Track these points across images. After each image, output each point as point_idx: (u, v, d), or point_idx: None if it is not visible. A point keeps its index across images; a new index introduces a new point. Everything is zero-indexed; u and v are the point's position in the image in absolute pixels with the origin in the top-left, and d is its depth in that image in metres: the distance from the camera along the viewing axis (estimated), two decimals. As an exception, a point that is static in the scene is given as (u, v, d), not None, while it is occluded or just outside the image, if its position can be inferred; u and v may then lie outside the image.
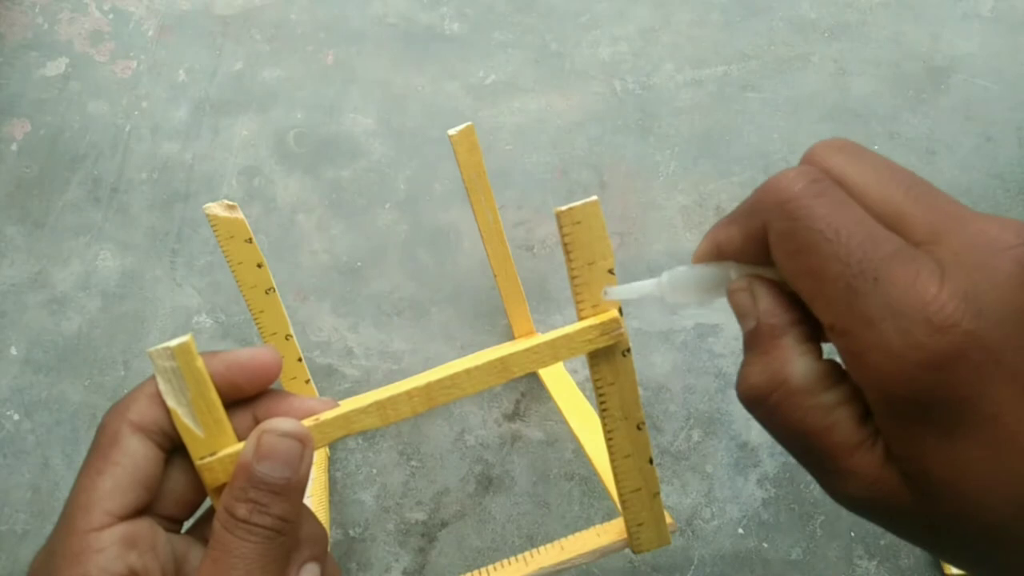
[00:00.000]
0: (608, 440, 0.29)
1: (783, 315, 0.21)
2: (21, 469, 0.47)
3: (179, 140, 0.55)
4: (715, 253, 0.22)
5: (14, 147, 0.55)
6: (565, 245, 0.26)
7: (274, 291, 0.36)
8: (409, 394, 0.25)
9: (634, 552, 0.33)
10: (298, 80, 0.57)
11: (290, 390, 0.36)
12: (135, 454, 0.23)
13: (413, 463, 0.47)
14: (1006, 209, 0.52)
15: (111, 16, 0.59)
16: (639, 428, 0.29)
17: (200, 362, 0.23)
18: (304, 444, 0.24)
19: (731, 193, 0.52)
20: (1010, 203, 0.52)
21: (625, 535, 0.33)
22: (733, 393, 0.47)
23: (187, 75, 0.57)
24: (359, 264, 0.51)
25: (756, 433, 0.47)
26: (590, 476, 0.46)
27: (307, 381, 0.40)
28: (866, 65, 0.55)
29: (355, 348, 0.49)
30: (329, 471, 0.46)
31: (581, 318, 0.27)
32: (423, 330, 0.49)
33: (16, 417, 0.49)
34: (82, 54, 0.58)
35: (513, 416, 0.48)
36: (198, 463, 0.24)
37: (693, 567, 0.44)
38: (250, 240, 0.35)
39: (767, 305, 0.21)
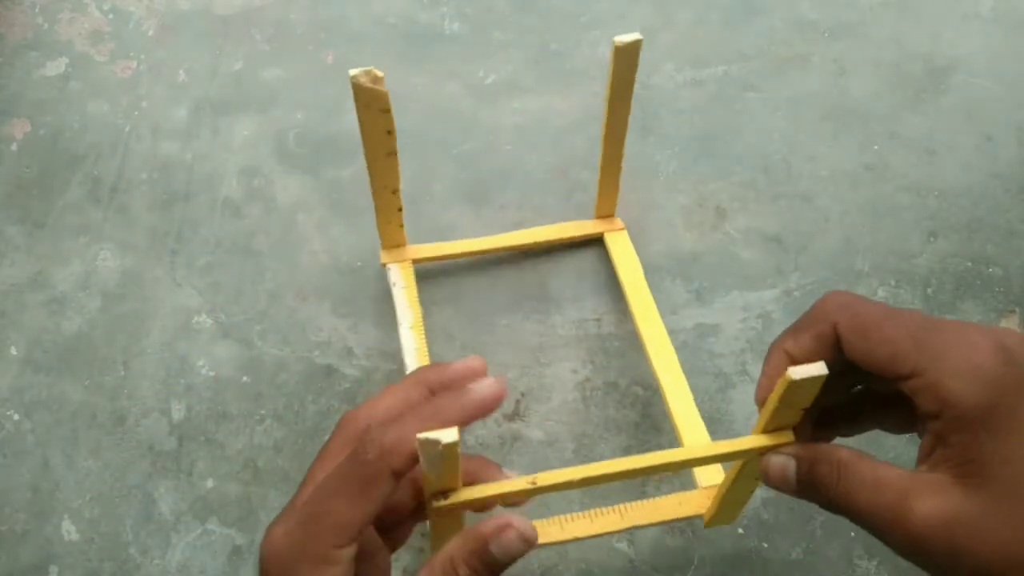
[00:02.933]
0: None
1: None
2: (21, 469, 0.47)
3: (179, 140, 0.55)
4: (788, 362, 0.29)
5: (14, 147, 0.55)
6: None
7: (394, 155, 0.41)
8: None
9: (705, 526, 0.39)
10: (298, 80, 0.57)
11: (393, 233, 0.48)
12: (385, 494, 0.27)
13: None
14: (1006, 209, 0.52)
15: (111, 16, 0.59)
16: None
17: (458, 450, 0.26)
18: (529, 548, 0.27)
19: (731, 193, 0.52)
20: (1010, 203, 0.52)
21: (703, 509, 0.39)
22: (733, 393, 0.47)
23: (187, 75, 0.57)
24: (359, 264, 0.51)
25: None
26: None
27: (400, 225, 0.47)
28: (866, 65, 0.55)
29: (355, 348, 0.49)
30: None
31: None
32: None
33: (16, 417, 0.49)
34: (82, 54, 0.58)
35: (513, 416, 0.48)
36: (433, 503, 0.28)
37: (693, 567, 0.44)
38: (386, 111, 0.38)
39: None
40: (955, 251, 0.50)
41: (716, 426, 0.47)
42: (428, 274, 0.51)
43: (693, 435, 0.41)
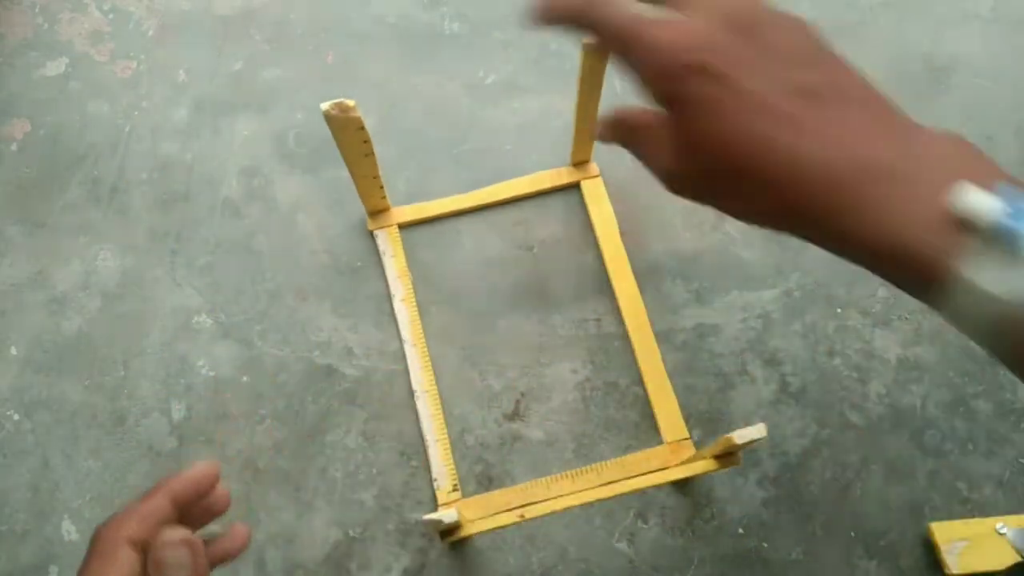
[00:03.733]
0: None
1: None
2: (21, 469, 0.47)
3: (179, 140, 0.55)
4: None
5: (14, 147, 0.55)
6: None
7: (371, 154, 0.44)
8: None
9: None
10: (298, 80, 0.57)
11: (376, 201, 0.51)
12: (130, 560, 0.30)
13: (413, 463, 0.47)
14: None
15: (111, 16, 0.59)
16: None
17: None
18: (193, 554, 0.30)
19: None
20: (1010, 203, 0.52)
21: (670, 463, 0.45)
22: (733, 393, 0.48)
23: (187, 75, 0.57)
24: (359, 264, 0.51)
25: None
26: (590, 476, 0.46)
27: (383, 193, 0.50)
28: (866, 65, 0.55)
29: (355, 348, 0.49)
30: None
31: None
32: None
33: (16, 417, 0.49)
34: (82, 54, 0.58)
35: (513, 416, 0.48)
36: None
37: (693, 567, 0.44)
38: (360, 128, 0.41)
39: None
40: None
41: (716, 426, 0.47)
42: (428, 274, 0.51)
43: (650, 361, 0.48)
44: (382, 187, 0.49)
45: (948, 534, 0.43)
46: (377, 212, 0.52)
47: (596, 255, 0.51)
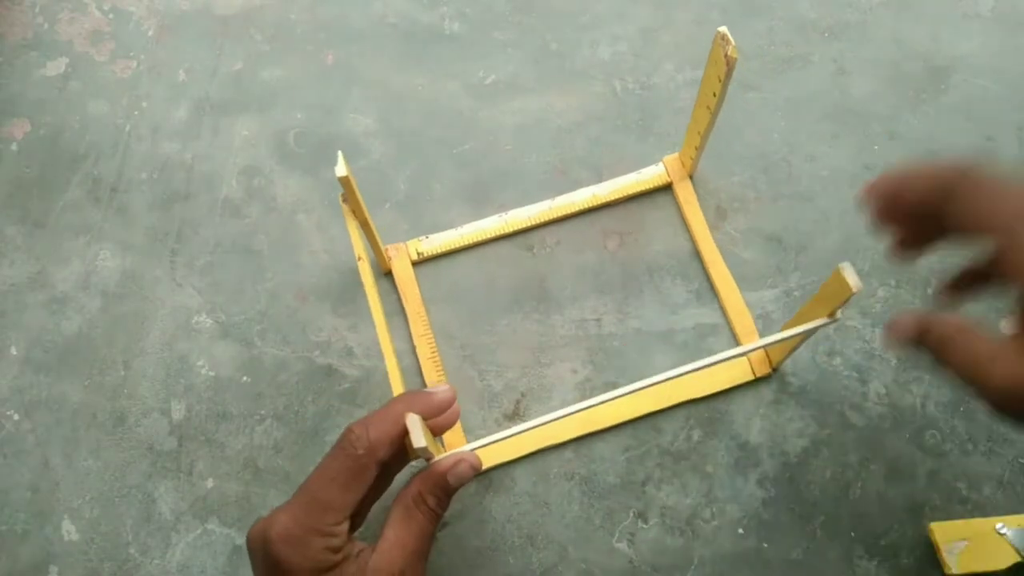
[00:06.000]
0: None
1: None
2: (21, 469, 0.47)
3: (179, 140, 0.55)
4: (894, 186, 0.32)
5: (14, 147, 0.55)
6: None
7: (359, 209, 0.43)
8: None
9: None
10: (298, 80, 0.57)
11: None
12: (371, 480, 0.34)
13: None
14: (1006, 209, 0.52)
15: (111, 16, 0.59)
16: None
17: (426, 432, 0.34)
18: (476, 473, 0.37)
19: (731, 193, 0.52)
20: (1010, 203, 0.52)
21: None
22: (733, 393, 0.47)
23: (187, 75, 0.57)
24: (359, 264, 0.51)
25: (756, 433, 0.47)
26: (590, 476, 0.46)
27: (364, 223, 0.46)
28: (866, 65, 0.55)
29: (355, 348, 0.49)
30: None
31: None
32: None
33: (16, 417, 0.49)
34: (82, 54, 0.58)
35: (513, 416, 0.48)
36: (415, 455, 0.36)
37: (693, 567, 0.44)
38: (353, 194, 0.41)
39: None
40: (955, 251, 0.50)
41: (716, 426, 0.47)
42: (428, 274, 0.51)
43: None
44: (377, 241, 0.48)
45: (948, 534, 0.43)
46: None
47: (597, 255, 0.51)
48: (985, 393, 0.29)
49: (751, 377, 0.47)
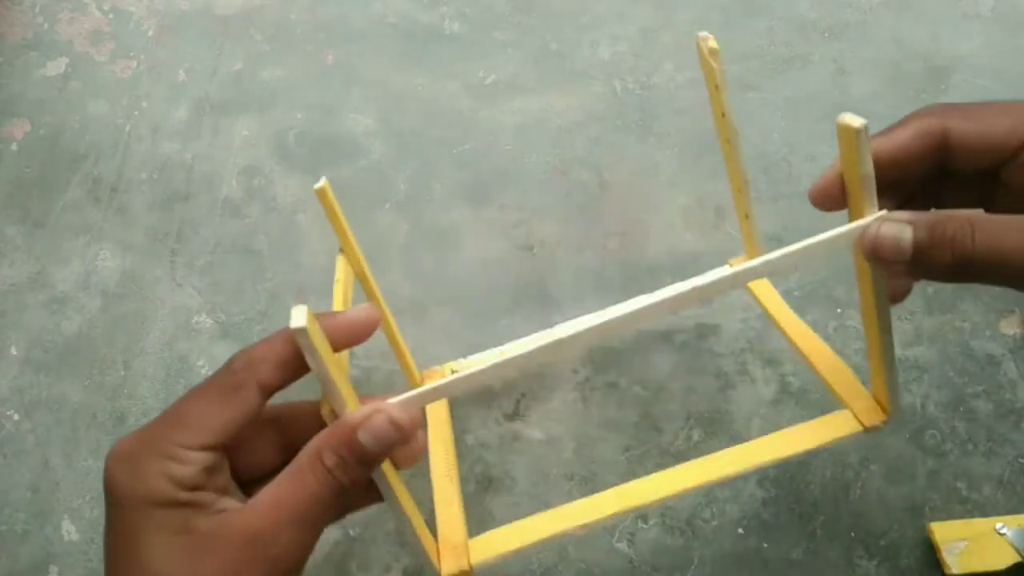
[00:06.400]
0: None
1: None
2: (21, 469, 0.47)
3: (179, 140, 0.55)
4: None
5: (14, 147, 0.55)
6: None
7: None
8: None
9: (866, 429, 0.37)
10: (298, 80, 0.57)
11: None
12: (249, 405, 0.27)
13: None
14: (1006, 209, 0.52)
15: (111, 16, 0.59)
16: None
17: (323, 339, 0.27)
18: (402, 435, 0.27)
19: (731, 193, 0.52)
20: (1010, 203, 0.52)
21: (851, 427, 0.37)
22: (733, 393, 0.47)
23: (187, 75, 0.57)
24: (359, 264, 0.51)
25: (756, 433, 0.47)
26: (590, 476, 0.46)
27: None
28: (866, 65, 0.55)
29: (355, 348, 0.49)
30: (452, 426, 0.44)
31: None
32: (423, 330, 0.49)
33: (16, 417, 0.49)
34: (82, 54, 0.58)
35: (513, 416, 0.48)
36: (325, 409, 0.28)
37: (693, 567, 0.44)
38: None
39: None
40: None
41: (716, 426, 0.47)
42: (429, 274, 0.51)
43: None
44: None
45: (948, 534, 0.43)
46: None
47: (597, 256, 0.51)
48: None
49: (859, 429, 0.38)
